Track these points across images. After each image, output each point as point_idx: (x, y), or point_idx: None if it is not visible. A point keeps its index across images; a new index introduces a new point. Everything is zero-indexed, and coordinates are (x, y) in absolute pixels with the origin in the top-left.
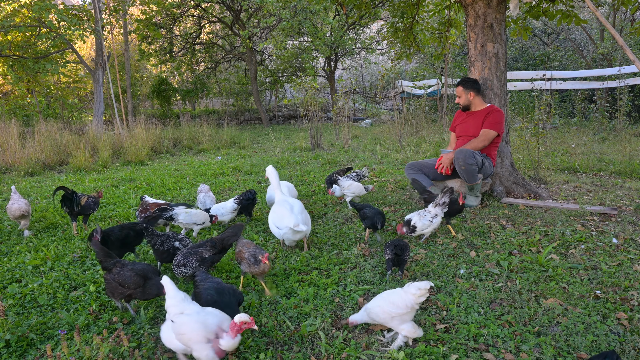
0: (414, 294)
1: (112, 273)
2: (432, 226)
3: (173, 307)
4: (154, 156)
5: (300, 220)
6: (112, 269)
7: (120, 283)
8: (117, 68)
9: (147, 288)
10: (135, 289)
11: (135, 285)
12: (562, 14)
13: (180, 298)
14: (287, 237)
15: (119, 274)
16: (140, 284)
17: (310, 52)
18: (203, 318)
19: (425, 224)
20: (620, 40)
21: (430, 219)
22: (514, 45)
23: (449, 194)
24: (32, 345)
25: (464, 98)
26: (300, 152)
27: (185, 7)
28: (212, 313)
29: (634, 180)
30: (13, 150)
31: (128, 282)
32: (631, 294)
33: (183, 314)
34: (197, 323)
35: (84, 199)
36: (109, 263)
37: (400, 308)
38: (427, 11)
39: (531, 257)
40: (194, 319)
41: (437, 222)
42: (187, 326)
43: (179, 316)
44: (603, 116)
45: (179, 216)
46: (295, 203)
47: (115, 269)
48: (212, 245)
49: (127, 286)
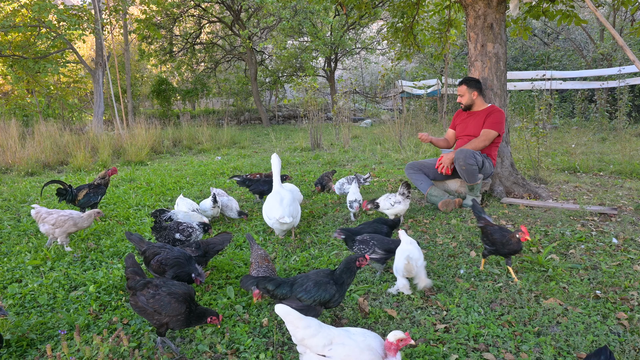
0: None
1: (143, 296)
2: (392, 209)
3: (315, 338)
4: (154, 156)
5: (287, 212)
6: (141, 290)
7: (156, 310)
8: (117, 68)
9: (191, 315)
10: (175, 317)
11: (175, 312)
12: (562, 14)
13: (316, 325)
14: (276, 227)
15: (153, 298)
16: (181, 311)
17: (310, 52)
18: (367, 343)
19: (387, 205)
20: (620, 40)
21: (391, 203)
22: (514, 45)
23: (406, 187)
24: (32, 345)
25: (467, 97)
26: (300, 152)
27: (185, 7)
28: (369, 335)
29: (634, 180)
30: (13, 150)
31: (167, 309)
32: (631, 294)
33: (335, 343)
34: (365, 351)
35: (82, 193)
36: (137, 282)
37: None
38: (427, 11)
39: (531, 257)
40: (359, 347)
41: (398, 207)
42: (355, 357)
43: (334, 348)
44: (603, 116)
45: (177, 216)
46: (286, 195)
47: (146, 290)
48: (196, 247)
49: (165, 314)
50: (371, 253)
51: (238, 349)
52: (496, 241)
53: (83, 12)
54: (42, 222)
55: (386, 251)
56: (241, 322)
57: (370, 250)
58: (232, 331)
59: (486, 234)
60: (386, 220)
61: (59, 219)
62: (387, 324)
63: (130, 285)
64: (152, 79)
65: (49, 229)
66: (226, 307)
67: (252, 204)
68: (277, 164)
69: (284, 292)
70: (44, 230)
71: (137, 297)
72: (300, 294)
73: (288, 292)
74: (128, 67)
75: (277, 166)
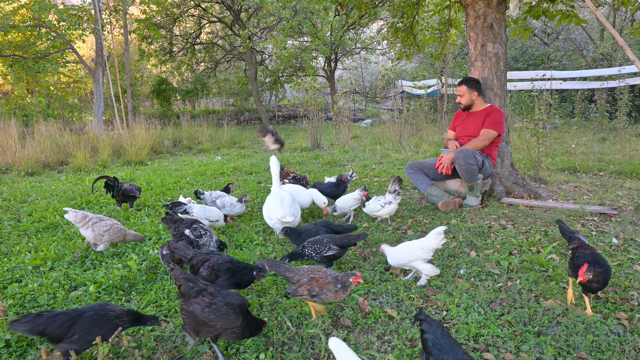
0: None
1: (197, 304)
2: (382, 210)
3: None
4: (154, 156)
5: (289, 212)
6: (195, 297)
7: (210, 320)
8: (117, 68)
9: (247, 327)
10: (231, 329)
11: (232, 324)
12: (562, 14)
13: None
14: (277, 227)
15: (209, 307)
16: (238, 323)
17: (310, 52)
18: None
19: (376, 207)
20: (620, 40)
21: (381, 204)
22: (514, 45)
23: (398, 182)
24: (32, 345)
25: (467, 97)
26: (300, 152)
27: (185, 7)
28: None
29: (634, 180)
30: (13, 150)
31: (223, 320)
32: (631, 294)
33: None
34: None
35: (125, 185)
36: (191, 289)
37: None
38: (427, 11)
39: (531, 257)
40: None
41: (389, 208)
42: None
43: None
44: (603, 116)
45: (193, 209)
46: (286, 196)
47: (201, 299)
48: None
49: (221, 325)
50: (327, 250)
51: (238, 349)
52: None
53: (83, 12)
54: (91, 226)
55: (340, 247)
56: None
57: (326, 248)
58: None
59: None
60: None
61: (114, 227)
62: (387, 324)
63: (184, 292)
64: (152, 79)
65: (97, 235)
66: None
67: (252, 204)
68: (276, 165)
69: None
70: (89, 234)
71: (191, 305)
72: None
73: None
74: (128, 67)
75: (275, 168)
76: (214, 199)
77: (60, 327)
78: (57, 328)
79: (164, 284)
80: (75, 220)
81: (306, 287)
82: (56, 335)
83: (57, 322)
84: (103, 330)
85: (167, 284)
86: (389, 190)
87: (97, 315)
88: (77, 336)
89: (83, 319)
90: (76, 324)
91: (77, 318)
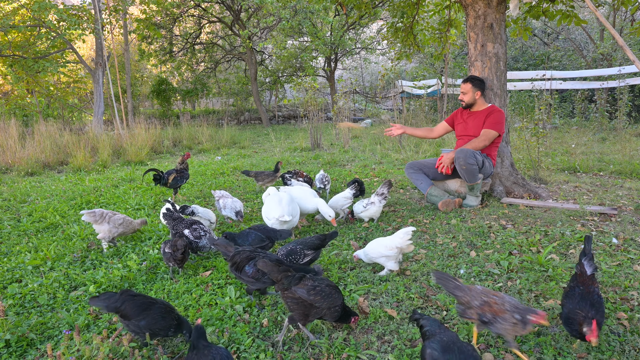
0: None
1: (302, 289)
2: (365, 212)
3: None
4: (154, 156)
5: (287, 211)
6: (297, 284)
7: (317, 301)
8: (117, 68)
9: (344, 306)
10: (334, 307)
11: (335, 303)
12: (562, 14)
13: None
14: (276, 227)
15: (314, 289)
16: (339, 302)
17: (310, 52)
18: None
19: (359, 208)
20: (620, 40)
21: (364, 205)
22: (514, 45)
23: (387, 186)
24: (32, 345)
25: (470, 95)
26: (300, 152)
27: (185, 7)
28: None
29: (634, 180)
30: (13, 150)
31: (328, 299)
32: (631, 294)
33: None
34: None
35: (171, 177)
36: (293, 276)
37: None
38: (427, 11)
39: (531, 257)
40: None
41: (372, 209)
42: None
43: None
44: (603, 116)
45: (198, 210)
46: (284, 196)
47: (304, 283)
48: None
49: (326, 304)
50: (303, 258)
51: (238, 349)
52: (565, 305)
53: (83, 12)
54: (108, 221)
55: (314, 249)
56: (241, 322)
57: (302, 256)
58: (232, 331)
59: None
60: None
61: (125, 220)
62: (387, 324)
63: (288, 282)
64: (152, 79)
65: (113, 228)
66: (226, 307)
67: (252, 204)
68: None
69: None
70: (106, 228)
71: (295, 291)
72: None
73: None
74: (128, 67)
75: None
76: (217, 198)
77: (135, 308)
78: (132, 309)
79: (164, 284)
80: (94, 219)
81: (477, 310)
82: (128, 314)
83: (135, 302)
84: (164, 324)
85: (167, 283)
86: (376, 192)
87: (166, 310)
88: (144, 322)
89: (155, 309)
90: (149, 309)
91: (150, 305)
